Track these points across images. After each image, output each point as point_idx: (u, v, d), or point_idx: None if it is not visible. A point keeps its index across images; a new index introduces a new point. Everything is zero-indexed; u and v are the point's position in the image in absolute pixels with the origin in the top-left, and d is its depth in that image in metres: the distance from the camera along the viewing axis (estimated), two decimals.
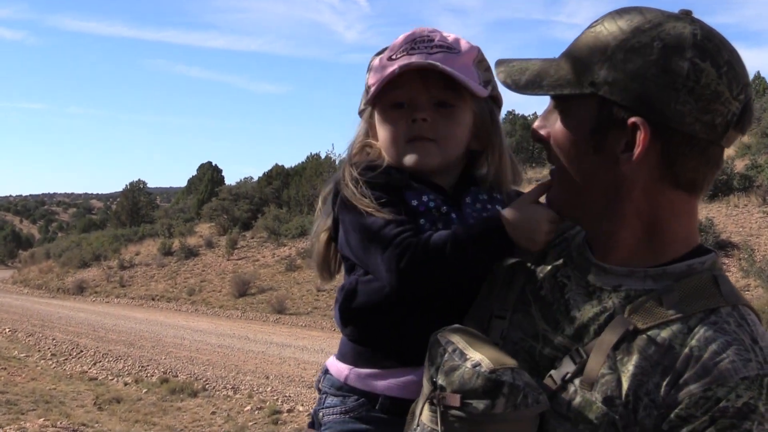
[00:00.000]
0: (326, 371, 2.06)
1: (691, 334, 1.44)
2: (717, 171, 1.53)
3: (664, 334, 1.46)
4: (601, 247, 1.61)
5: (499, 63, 1.70)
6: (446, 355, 1.54)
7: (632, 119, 1.47)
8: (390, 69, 1.88)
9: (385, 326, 1.91)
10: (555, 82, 1.58)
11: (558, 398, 1.52)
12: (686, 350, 1.43)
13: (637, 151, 1.47)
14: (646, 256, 1.56)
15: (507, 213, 1.74)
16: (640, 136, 1.46)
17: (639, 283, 1.54)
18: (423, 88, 1.89)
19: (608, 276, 1.58)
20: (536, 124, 1.69)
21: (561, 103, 1.61)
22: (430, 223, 1.87)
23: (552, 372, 1.56)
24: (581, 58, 1.55)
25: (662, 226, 1.54)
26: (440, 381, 1.52)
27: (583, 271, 1.63)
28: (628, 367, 1.46)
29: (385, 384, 1.91)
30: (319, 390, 2.06)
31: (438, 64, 1.84)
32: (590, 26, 1.57)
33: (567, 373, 1.52)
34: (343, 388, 1.97)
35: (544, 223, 1.70)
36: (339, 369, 2.01)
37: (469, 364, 1.49)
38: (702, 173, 1.51)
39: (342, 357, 2.03)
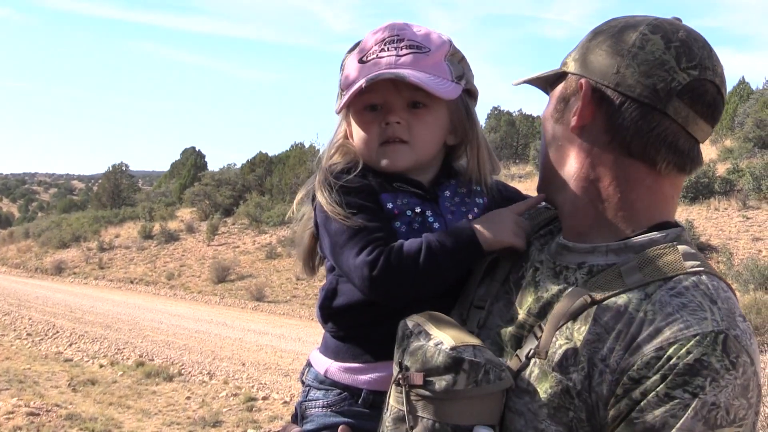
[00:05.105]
0: (309, 364, 2.06)
1: (648, 299, 1.46)
2: (664, 145, 1.56)
3: (620, 301, 1.48)
4: (568, 227, 1.68)
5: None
6: (412, 337, 1.57)
7: (580, 81, 1.60)
8: (359, 82, 1.88)
9: (365, 324, 1.92)
10: (542, 74, 1.75)
11: (522, 375, 1.55)
12: (641, 314, 1.45)
13: (578, 105, 1.60)
14: (609, 231, 1.61)
15: (477, 222, 1.82)
16: (581, 93, 1.59)
17: (602, 258, 1.58)
18: (395, 90, 1.90)
19: (572, 254, 1.63)
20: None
21: (549, 94, 1.75)
22: (405, 225, 1.88)
23: (518, 351, 1.58)
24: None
25: (620, 198, 1.60)
26: (405, 362, 1.54)
27: (552, 253, 1.68)
28: (583, 335, 1.48)
29: (367, 378, 1.91)
30: (303, 383, 2.06)
31: (405, 75, 1.84)
32: None
33: (530, 349, 1.55)
34: (326, 382, 1.97)
35: (508, 222, 1.80)
36: (321, 362, 2.01)
37: (431, 343, 1.52)
38: (649, 141, 1.55)
39: (324, 350, 2.03)
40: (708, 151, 33.08)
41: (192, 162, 63.95)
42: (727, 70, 1.63)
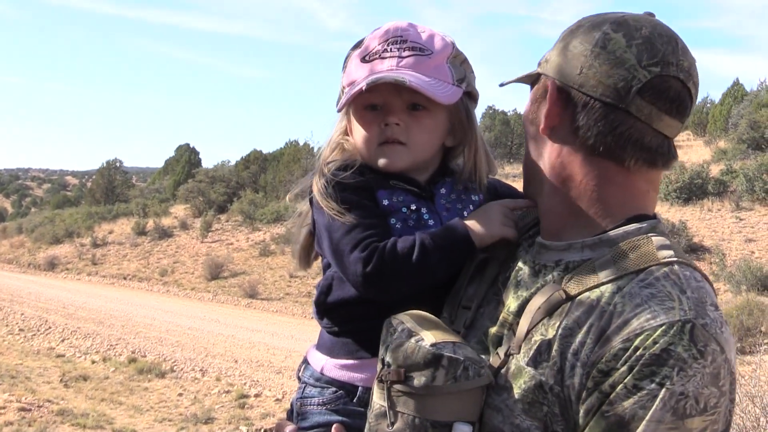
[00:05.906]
0: (306, 361, 2.06)
1: (619, 292, 1.46)
2: (630, 143, 1.56)
3: (593, 295, 1.48)
4: (546, 226, 1.70)
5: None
6: (395, 335, 1.58)
7: (547, 82, 1.62)
8: (360, 84, 1.88)
9: (360, 319, 1.92)
10: (522, 76, 1.76)
11: (501, 372, 1.55)
12: (611, 307, 1.44)
13: (545, 108, 1.61)
14: (584, 228, 1.61)
15: (468, 219, 1.85)
16: (548, 95, 1.61)
17: (577, 255, 1.58)
18: (396, 92, 1.91)
19: (550, 252, 1.64)
20: None
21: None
22: (400, 222, 1.89)
23: (498, 349, 1.59)
24: None
25: (592, 195, 1.60)
26: (387, 358, 1.56)
27: (534, 252, 1.69)
28: (557, 330, 1.48)
29: (362, 375, 1.91)
30: (299, 379, 2.06)
31: (405, 80, 1.84)
32: None
33: (509, 347, 1.55)
34: (322, 380, 1.97)
35: (497, 214, 1.82)
36: (317, 359, 2.01)
37: (412, 340, 1.53)
38: (614, 140, 1.55)
39: (320, 347, 2.03)
40: (702, 152, 33.19)
41: (186, 159, 63.87)
42: (722, 71, 1.65)
